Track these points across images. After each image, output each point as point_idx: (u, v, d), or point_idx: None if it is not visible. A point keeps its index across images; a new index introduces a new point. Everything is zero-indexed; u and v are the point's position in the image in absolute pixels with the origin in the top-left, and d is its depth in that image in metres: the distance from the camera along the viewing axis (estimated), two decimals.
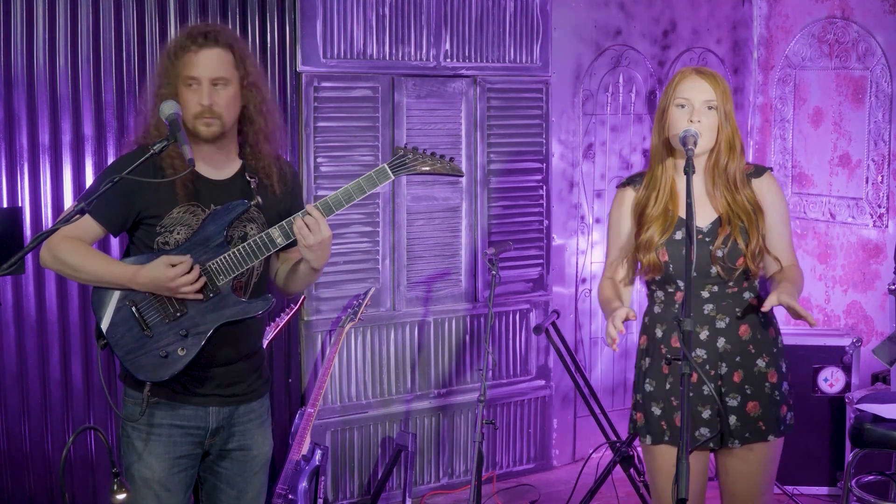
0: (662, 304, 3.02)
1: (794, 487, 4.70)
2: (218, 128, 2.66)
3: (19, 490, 3.93)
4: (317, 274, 2.78)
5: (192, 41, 2.63)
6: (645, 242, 2.97)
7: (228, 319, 2.67)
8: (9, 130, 3.81)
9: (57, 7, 3.84)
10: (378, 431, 4.70)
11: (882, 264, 5.08)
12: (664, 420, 2.98)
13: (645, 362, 3.04)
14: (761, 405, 2.95)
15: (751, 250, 2.92)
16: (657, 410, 3.00)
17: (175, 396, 2.72)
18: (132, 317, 2.65)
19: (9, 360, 3.87)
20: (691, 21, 5.41)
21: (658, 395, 2.99)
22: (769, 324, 3.02)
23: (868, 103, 5.10)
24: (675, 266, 2.94)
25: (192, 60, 2.62)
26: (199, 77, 2.62)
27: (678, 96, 2.91)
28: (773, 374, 2.98)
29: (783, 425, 3.02)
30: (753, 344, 2.96)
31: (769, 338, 3.00)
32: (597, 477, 4.35)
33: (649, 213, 2.98)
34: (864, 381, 4.81)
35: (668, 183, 2.98)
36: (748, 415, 2.96)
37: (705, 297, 2.95)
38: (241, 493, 2.83)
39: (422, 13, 4.58)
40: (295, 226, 2.63)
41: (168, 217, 2.67)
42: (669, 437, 2.97)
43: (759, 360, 2.96)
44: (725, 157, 2.94)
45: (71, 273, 2.69)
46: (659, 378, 3.00)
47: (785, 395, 3.02)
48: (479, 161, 4.79)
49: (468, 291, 4.85)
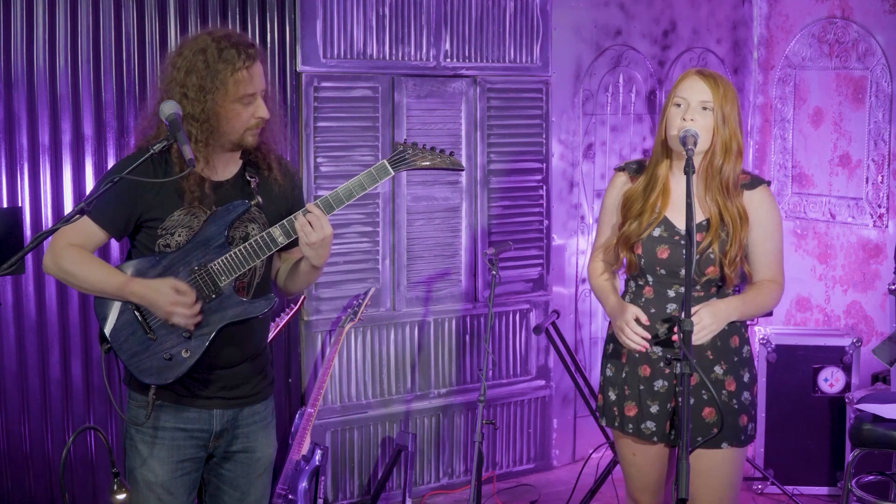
0: (632, 295, 3.07)
1: (794, 487, 4.70)
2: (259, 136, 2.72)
3: (19, 490, 3.93)
4: (318, 272, 2.78)
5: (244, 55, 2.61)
6: (625, 237, 3.02)
7: (231, 320, 2.67)
8: (9, 130, 3.81)
9: (57, 7, 3.84)
10: (378, 431, 4.70)
11: (882, 264, 5.08)
12: (616, 406, 3.08)
13: (609, 347, 3.14)
14: (717, 411, 2.96)
15: (729, 258, 2.94)
16: (612, 396, 3.10)
17: (179, 399, 2.72)
18: (135, 320, 2.65)
19: (9, 360, 3.87)
20: (691, 21, 5.41)
21: (615, 381, 3.09)
22: (733, 332, 3.02)
23: (868, 103, 5.10)
24: (647, 262, 2.99)
25: (246, 78, 2.61)
26: (255, 91, 2.64)
27: (677, 95, 2.96)
28: (731, 383, 2.99)
29: (743, 435, 3.01)
30: (712, 350, 2.98)
31: (730, 346, 3.01)
32: (597, 477, 4.36)
33: (635, 208, 3.02)
34: (864, 381, 4.81)
35: (661, 180, 3.01)
36: (703, 420, 2.97)
37: (671, 297, 2.99)
38: (245, 495, 2.83)
39: (422, 13, 4.58)
40: (297, 223, 2.63)
41: (169, 219, 2.67)
42: (618, 424, 3.07)
43: (716, 366, 2.98)
44: (720, 159, 2.94)
45: (71, 281, 2.69)
46: (617, 365, 3.08)
47: (745, 405, 3.01)
48: (479, 161, 4.79)
49: (468, 291, 4.85)
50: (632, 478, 3.15)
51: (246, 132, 2.66)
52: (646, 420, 3.01)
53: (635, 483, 3.14)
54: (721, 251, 2.93)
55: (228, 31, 2.71)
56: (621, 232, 3.04)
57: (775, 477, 4.74)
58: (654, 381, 2.99)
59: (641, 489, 3.13)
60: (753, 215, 2.99)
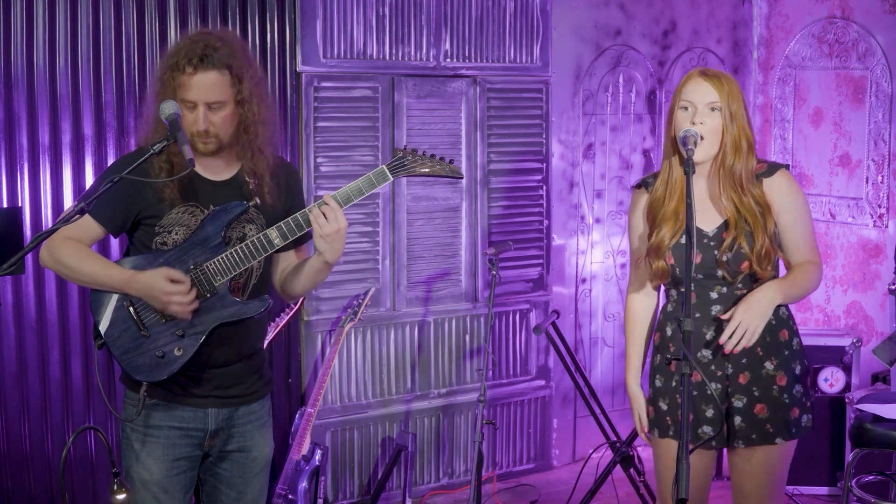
0: (675, 303, 3.05)
1: (794, 487, 4.70)
2: (214, 146, 2.67)
3: (19, 490, 3.93)
4: (327, 271, 2.75)
5: (188, 62, 2.61)
6: (655, 246, 2.98)
7: (225, 320, 2.67)
8: (9, 130, 3.81)
9: (57, 7, 3.84)
10: (378, 431, 4.70)
11: (882, 264, 5.08)
12: (669, 416, 3.03)
13: (657, 359, 3.09)
14: (769, 407, 2.94)
15: (756, 253, 2.90)
16: (664, 406, 3.05)
17: (173, 398, 2.72)
18: (129, 317, 2.65)
19: (9, 360, 3.87)
20: (691, 21, 5.41)
21: (665, 392, 3.04)
22: (782, 326, 2.99)
23: (868, 103, 5.10)
24: (681, 269, 2.94)
25: (188, 84, 2.61)
26: (195, 101, 2.62)
27: (682, 98, 2.94)
28: (783, 378, 2.96)
29: (796, 428, 2.99)
30: (762, 346, 2.95)
31: (780, 340, 2.98)
32: (597, 477, 4.35)
33: (662, 213, 2.99)
34: (864, 381, 4.81)
35: (678, 184, 2.99)
36: (755, 416, 2.95)
37: (714, 298, 2.96)
38: (241, 494, 2.83)
39: (422, 13, 4.58)
40: (311, 214, 2.63)
41: (167, 217, 2.67)
42: (673, 433, 3.03)
43: (766, 362, 2.95)
44: (732, 158, 2.93)
45: (68, 274, 2.69)
46: (667, 375, 3.04)
47: (797, 398, 2.99)
48: (479, 161, 4.79)
49: (468, 291, 4.85)
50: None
51: (194, 138, 2.64)
52: (702, 425, 2.98)
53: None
54: (749, 246, 2.91)
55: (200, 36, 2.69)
56: (650, 243, 3.01)
57: None
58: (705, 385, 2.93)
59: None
60: (777, 202, 2.95)
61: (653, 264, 3.00)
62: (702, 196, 2.97)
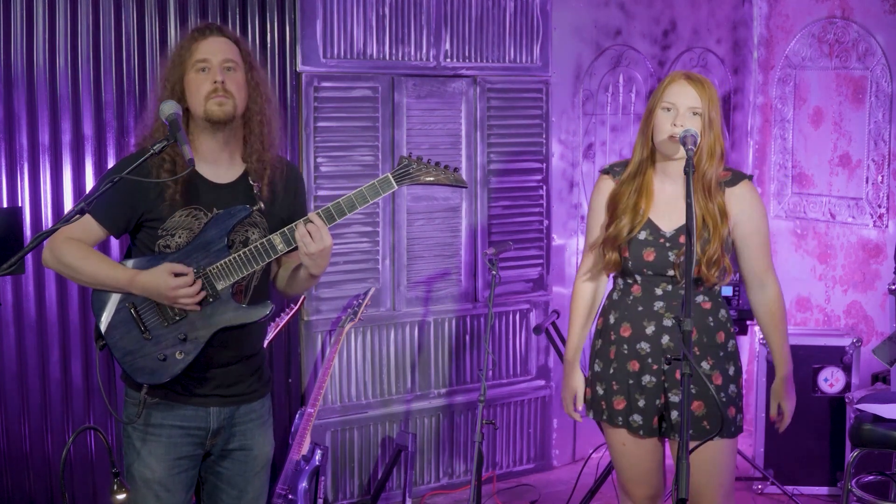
0: (620, 292, 3.13)
1: (794, 487, 4.70)
2: (231, 107, 2.66)
3: (19, 490, 3.93)
4: (315, 279, 2.79)
5: (198, 32, 2.70)
6: (612, 237, 3.06)
7: (228, 324, 2.67)
8: (9, 130, 3.81)
9: (57, 7, 3.84)
10: (378, 431, 4.70)
11: (882, 264, 5.08)
12: (604, 400, 3.13)
13: (597, 343, 3.19)
14: (706, 405, 3.02)
15: (707, 257, 2.98)
16: (600, 390, 3.15)
17: (175, 397, 2.72)
18: (131, 319, 2.65)
19: (9, 360, 3.87)
20: (691, 21, 5.41)
21: (603, 377, 3.14)
22: (720, 328, 3.07)
23: (868, 103, 5.10)
24: (634, 264, 3.05)
25: (202, 46, 2.67)
26: (210, 59, 2.65)
27: (665, 99, 2.98)
28: (718, 377, 3.04)
29: (733, 426, 3.06)
30: (698, 346, 3.03)
31: (716, 342, 3.06)
32: (597, 477, 4.36)
33: (619, 208, 3.07)
34: (864, 381, 4.81)
35: (645, 181, 3.05)
36: (692, 413, 3.01)
37: (658, 295, 3.04)
38: (242, 493, 2.83)
39: (422, 13, 4.58)
40: (297, 233, 2.63)
41: (170, 220, 2.67)
42: (606, 417, 3.13)
43: (703, 362, 3.03)
44: (705, 163, 2.99)
45: (71, 274, 2.69)
46: (606, 360, 3.14)
47: (732, 398, 3.07)
48: (479, 161, 4.79)
49: (468, 291, 4.85)
50: (623, 469, 3.19)
51: (208, 101, 2.64)
52: (633, 413, 3.06)
53: (626, 474, 3.18)
54: (701, 250, 2.97)
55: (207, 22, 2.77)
56: (607, 233, 3.09)
57: (775, 477, 4.75)
58: (642, 375, 3.04)
59: (633, 480, 3.17)
60: (736, 211, 3.03)
61: (606, 254, 3.10)
62: (671, 197, 3.04)
